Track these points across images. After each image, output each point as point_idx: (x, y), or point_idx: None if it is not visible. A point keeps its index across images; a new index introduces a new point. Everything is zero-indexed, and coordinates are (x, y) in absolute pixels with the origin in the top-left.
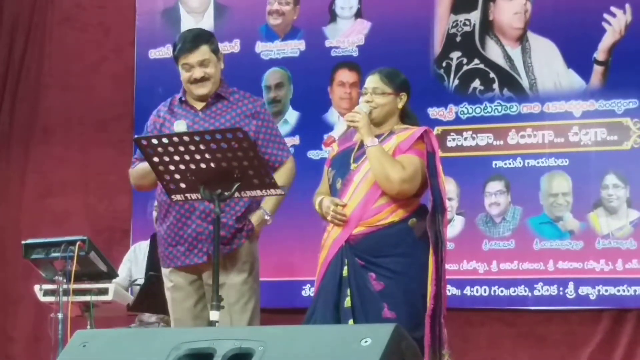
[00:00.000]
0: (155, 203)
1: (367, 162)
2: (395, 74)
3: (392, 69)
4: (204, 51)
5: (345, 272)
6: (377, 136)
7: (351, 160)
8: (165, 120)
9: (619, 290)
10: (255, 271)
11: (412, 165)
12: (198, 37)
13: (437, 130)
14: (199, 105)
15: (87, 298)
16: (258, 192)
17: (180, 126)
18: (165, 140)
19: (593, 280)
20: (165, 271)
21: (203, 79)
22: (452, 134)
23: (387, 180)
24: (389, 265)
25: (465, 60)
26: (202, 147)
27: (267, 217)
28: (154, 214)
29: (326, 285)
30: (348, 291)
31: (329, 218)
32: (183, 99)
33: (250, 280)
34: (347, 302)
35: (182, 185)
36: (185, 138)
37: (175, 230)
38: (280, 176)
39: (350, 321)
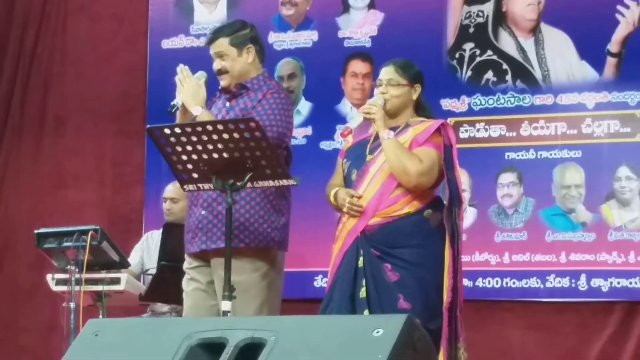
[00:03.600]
0: (164, 195)
1: (383, 153)
2: (410, 66)
3: (406, 61)
4: (219, 44)
5: (360, 262)
6: (393, 129)
7: (367, 152)
8: (213, 104)
9: (631, 283)
10: (267, 267)
11: (429, 158)
12: (219, 30)
13: (450, 121)
14: (228, 95)
15: (99, 287)
16: (270, 183)
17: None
18: (177, 130)
19: (605, 273)
20: (186, 254)
21: (220, 71)
22: (464, 125)
23: (404, 173)
24: (405, 256)
25: (478, 52)
26: (214, 137)
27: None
28: (164, 205)
29: (342, 275)
30: (363, 282)
31: (344, 209)
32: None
33: (257, 274)
34: (363, 293)
35: (195, 175)
36: (198, 128)
37: (187, 217)
38: None
39: (366, 312)
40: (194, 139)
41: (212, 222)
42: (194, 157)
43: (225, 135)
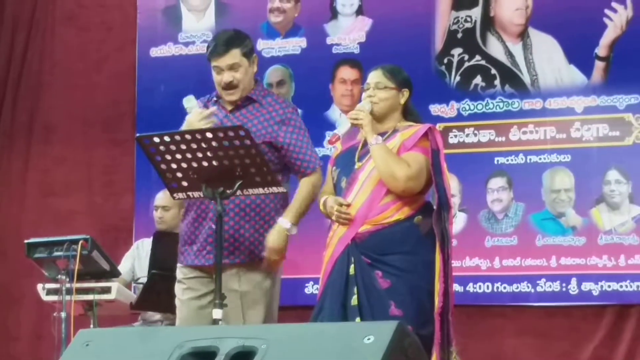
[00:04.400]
0: (156, 203)
1: (372, 160)
2: (398, 70)
3: (394, 66)
4: (234, 55)
5: (352, 270)
6: (381, 134)
7: (355, 159)
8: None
9: (621, 286)
10: (272, 279)
11: (417, 163)
12: (230, 41)
13: (439, 126)
14: (230, 107)
15: (90, 297)
16: (260, 190)
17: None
18: (167, 138)
19: (596, 276)
20: (179, 265)
21: (231, 85)
22: (454, 130)
23: (392, 178)
24: (395, 263)
25: (466, 57)
26: (204, 145)
27: (287, 227)
28: (155, 213)
29: (333, 283)
30: (355, 289)
31: (333, 218)
32: (215, 98)
33: (265, 286)
34: (354, 301)
35: (184, 184)
36: (187, 136)
37: (192, 229)
38: (306, 185)
39: (357, 319)
40: (183, 147)
41: (222, 236)
42: (184, 165)
43: (215, 144)
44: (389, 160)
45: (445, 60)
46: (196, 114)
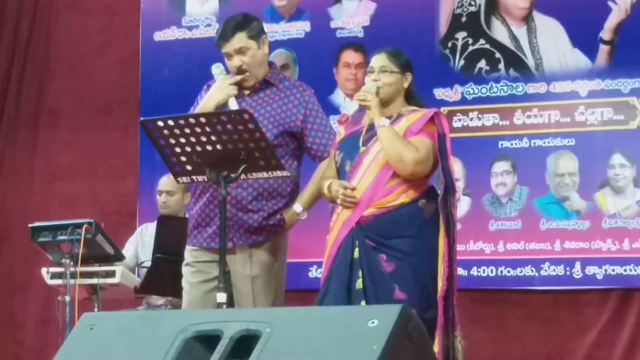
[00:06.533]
0: (160, 187)
1: (377, 144)
2: (400, 54)
3: (396, 49)
4: (239, 39)
5: (356, 253)
6: (386, 118)
7: (360, 144)
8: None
9: (625, 270)
10: (280, 263)
11: (424, 147)
12: (236, 25)
13: (443, 110)
14: (247, 91)
15: (94, 281)
16: (264, 174)
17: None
18: (171, 122)
19: (600, 260)
20: (189, 248)
21: (241, 70)
22: (458, 114)
23: (400, 162)
24: (400, 247)
25: (470, 41)
26: (208, 128)
27: (299, 211)
28: (159, 198)
29: (338, 267)
30: (360, 273)
31: (338, 201)
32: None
33: (274, 270)
34: (359, 284)
35: (188, 168)
36: (191, 120)
37: (206, 211)
38: (321, 169)
39: (363, 302)
40: (188, 131)
41: (242, 219)
42: (188, 149)
43: (219, 127)
44: (397, 143)
45: (450, 44)
46: (224, 80)
